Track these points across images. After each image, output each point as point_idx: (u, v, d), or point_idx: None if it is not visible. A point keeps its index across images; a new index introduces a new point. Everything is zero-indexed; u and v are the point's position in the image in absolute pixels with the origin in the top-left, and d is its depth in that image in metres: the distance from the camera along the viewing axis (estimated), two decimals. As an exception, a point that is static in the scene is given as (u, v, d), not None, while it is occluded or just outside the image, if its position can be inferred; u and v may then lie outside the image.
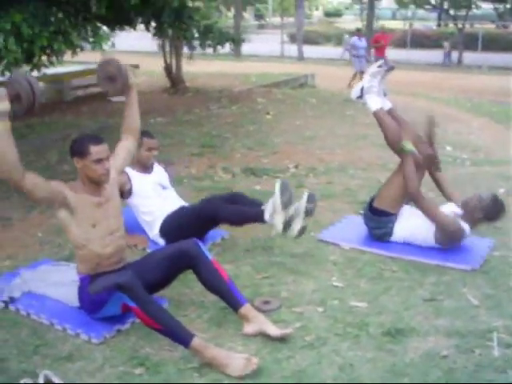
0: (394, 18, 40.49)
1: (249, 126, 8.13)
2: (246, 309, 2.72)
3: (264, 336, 2.65)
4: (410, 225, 3.70)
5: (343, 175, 5.63)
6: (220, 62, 19.88)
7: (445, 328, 2.75)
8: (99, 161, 2.76)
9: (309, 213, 3.51)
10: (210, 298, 2.93)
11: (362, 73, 12.17)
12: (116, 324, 2.75)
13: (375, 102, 3.75)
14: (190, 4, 7.90)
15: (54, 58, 5.64)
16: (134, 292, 2.48)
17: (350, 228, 3.98)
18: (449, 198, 3.87)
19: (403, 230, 3.71)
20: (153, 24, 7.62)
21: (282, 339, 2.62)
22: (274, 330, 2.63)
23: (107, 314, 2.71)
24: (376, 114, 3.76)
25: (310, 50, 25.32)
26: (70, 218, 2.76)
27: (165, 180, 3.99)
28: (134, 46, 22.85)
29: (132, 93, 3.19)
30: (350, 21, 43.79)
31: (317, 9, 57.62)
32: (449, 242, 3.60)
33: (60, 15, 4.96)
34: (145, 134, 3.83)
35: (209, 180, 5.53)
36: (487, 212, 3.59)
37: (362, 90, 3.80)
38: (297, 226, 3.46)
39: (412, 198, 3.63)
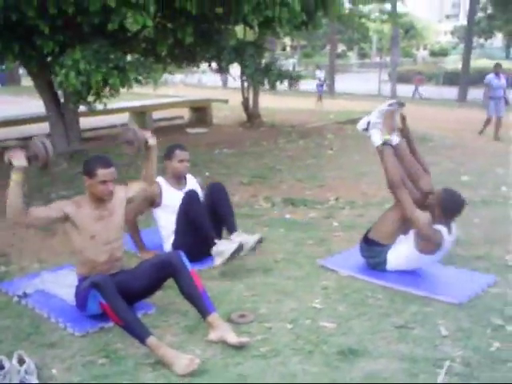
0: (507, 57, 39.10)
1: (307, 159, 8.38)
2: (213, 317, 2.96)
3: (224, 343, 2.88)
4: (400, 251, 3.79)
5: (378, 210, 5.68)
6: (311, 99, 20.31)
7: (401, 353, 2.82)
8: (104, 182, 3.14)
9: (252, 248, 4.11)
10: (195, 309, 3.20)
11: (499, 118, 10.71)
12: (101, 322, 3.09)
13: (378, 138, 3.89)
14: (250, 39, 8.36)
15: (113, 91, 6.26)
16: (104, 290, 2.82)
17: (354, 257, 4.09)
18: None
19: (395, 257, 3.80)
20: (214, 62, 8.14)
21: (239, 347, 2.83)
22: (231, 338, 2.85)
23: (92, 311, 3.06)
24: (378, 149, 3.90)
25: (407, 90, 25.14)
26: (71, 229, 3.17)
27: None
28: (234, 82, 24.00)
29: (150, 151, 3.54)
30: (456, 60, 42.93)
31: (425, 48, 57.06)
32: (428, 246, 3.66)
33: (119, 53, 5.53)
34: (177, 146, 4.22)
35: (248, 207, 5.81)
36: (444, 205, 3.63)
37: (368, 123, 3.97)
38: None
39: (391, 187, 3.73)
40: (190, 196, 4.05)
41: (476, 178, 7.18)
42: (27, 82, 27.27)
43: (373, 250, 3.84)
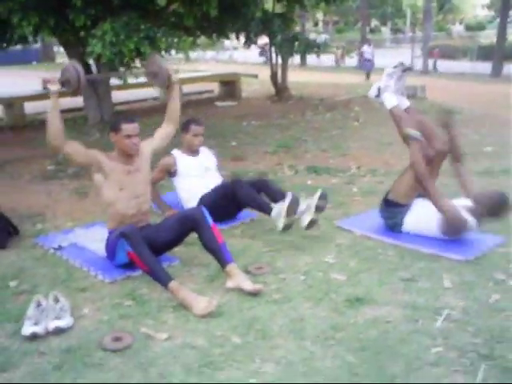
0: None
1: (333, 131, 8.52)
2: (231, 267, 3.20)
3: (240, 291, 3.12)
4: (419, 215, 3.93)
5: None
6: (341, 74, 20.27)
7: (404, 302, 3.01)
8: (129, 136, 3.41)
9: (319, 209, 3.92)
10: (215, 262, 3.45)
11: None
12: (128, 271, 3.37)
13: (391, 100, 4.03)
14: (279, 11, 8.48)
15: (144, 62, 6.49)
16: (131, 239, 3.09)
17: (369, 219, 4.27)
18: (464, 191, 4.01)
19: (412, 220, 3.95)
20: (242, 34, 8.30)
21: (254, 294, 3.07)
22: (247, 285, 3.09)
23: (120, 260, 3.33)
24: (391, 111, 4.04)
25: (440, 64, 24.77)
26: (102, 181, 3.45)
27: (210, 163, 4.54)
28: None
29: (173, 89, 3.79)
30: (493, 35, 41.86)
31: (461, 23, 55.67)
32: (451, 231, 3.77)
33: (149, 24, 5.75)
34: (193, 121, 4.45)
35: (272, 175, 6.01)
36: (492, 209, 3.72)
37: (379, 89, 4.11)
38: (306, 219, 3.88)
39: (419, 179, 3.82)
40: (237, 181, 4.21)
41: (499, 149, 7.22)
42: (62, 58, 27.84)
43: (391, 211, 4.00)
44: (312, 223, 3.91)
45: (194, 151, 4.51)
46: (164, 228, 3.44)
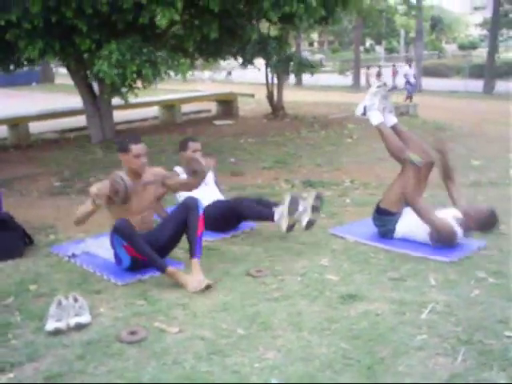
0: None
1: (327, 147, 8.86)
2: (194, 261, 3.55)
3: (243, 287, 3.43)
4: (409, 223, 4.22)
5: (389, 189, 6.15)
6: (336, 93, 20.72)
7: (393, 298, 3.30)
8: (138, 156, 3.69)
9: (315, 209, 4.20)
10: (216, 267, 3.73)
11: None
12: (138, 275, 3.65)
13: (376, 117, 4.36)
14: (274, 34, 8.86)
15: (145, 84, 6.85)
16: (124, 232, 3.47)
17: (362, 227, 4.57)
18: (454, 204, 4.31)
19: (403, 227, 4.25)
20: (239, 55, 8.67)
21: (254, 293, 3.36)
22: (191, 287, 3.41)
23: (125, 262, 3.63)
24: (377, 128, 4.37)
25: (431, 83, 25.29)
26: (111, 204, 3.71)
27: (208, 178, 4.84)
28: (260, 78, 24.57)
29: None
30: (485, 53, 42.58)
31: (454, 41, 56.54)
32: (442, 242, 4.06)
33: (151, 48, 6.10)
34: (189, 139, 4.77)
35: (269, 188, 6.32)
36: (481, 223, 4.02)
37: (364, 108, 4.44)
38: (305, 220, 4.17)
39: (408, 202, 4.14)
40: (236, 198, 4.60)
41: (486, 163, 7.57)
42: (61, 79, 28.26)
43: (383, 219, 4.30)
44: (310, 223, 4.20)
45: None
46: (165, 223, 3.77)
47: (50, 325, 2.95)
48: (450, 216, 4.14)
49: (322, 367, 2.57)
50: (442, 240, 4.08)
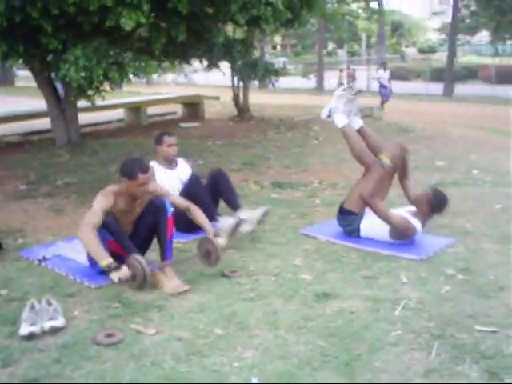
0: (497, 54, 39.63)
1: (293, 149, 8.93)
2: (163, 264, 3.57)
3: (219, 288, 3.43)
4: (372, 222, 4.31)
5: (357, 189, 6.25)
6: (300, 96, 20.89)
7: (366, 296, 3.36)
8: (143, 184, 3.57)
9: (261, 222, 4.43)
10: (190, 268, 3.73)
11: None
12: (112, 277, 3.61)
13: (341, 120, 4.44)
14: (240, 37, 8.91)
15: (112, 86, 6.78)
16: (110, 227, 3.45)
17: (332, 226, 4.63)
18: (411, 202, 4.44)
19: (367, 227, 4.34)
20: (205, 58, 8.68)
21: (229, 293, 3.37)
22: (168, 289, 3.43)
23: None
24: (342, 130, 4.46)
25: (393, 86, 25.68)
26: None
27: (185, 176, 4.81)
28: (225, 81, 24.59)
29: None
30: (444, 57, 43.57)
31: (414, 45, 57.66)
32: (400, 237, 4.18)
33: (117, 50, 6.04)
34: (165, 133, 4.77)
35: (239, 190, 6.30)
36: (433, 205, 4.17)
37: (330, 110, 4.52)
38: (247, 228, 4.33)
39: (364, 200, 4.23)
40: (193, 178, 4.59)
41: (450, 163, 7.76)
42: (21, 82, 27.65)
43: (346, 219, 4.38)
44: (251, 232, 4.37)
45: (170, 162, 4.78)
46: (136, 227, 3.73)
47: (24, 329, 2.90)
48: (404, 211, 4.27)
49: (300, 365, 2.60)
50: (401, 235, 4.18)
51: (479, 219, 4.93)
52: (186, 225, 4.48)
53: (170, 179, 4.69)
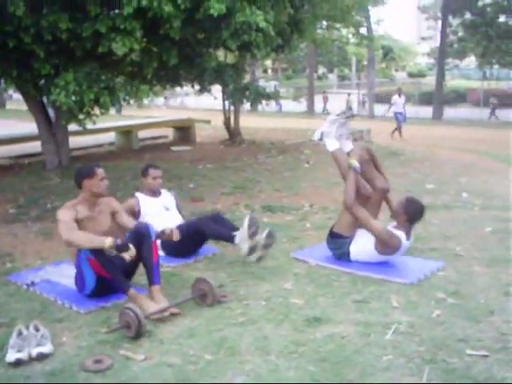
0: (485, 78, 40.21)
1: (285, 172, 8.96)
2: (154, 288, 3.54)
3: (209, 313, 3.40)
4: (360, 244, 4.32)
5: (347, 213, 6.26)
6: (291, 119, 21.03)
7: (357, 320, 3.35)
8: (103, 179, 3.73)
9: (267, 246, 4.26)
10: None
11: None
12: (101, 302, 3.59)
13: (332, 144, 4.47)
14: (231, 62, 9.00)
15: (103, 110, 6.81)
16: (105, 266, 3.44)
17: (323, 250, 4.62)
18: (392, 215, 4.47)
19: (356, 249, 4.34)
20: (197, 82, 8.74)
21: (219, 318, 3.34)
22: (153, 308, 3.38)
23: (89, 285, 3.56)
24: (333, 154, 4.49)
25: (383, 109, 25.91)
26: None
27: (170, 203, 4.86)
28: (216, 104, 24.75)
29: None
30: (433, 81, 44.11)
31: (403, 69, 58.43)
32: (386, 249, 4.20)
33: (109, 74, 6.08)
34: (150, 165, 4.80)
35: (230, 213, 6.32)
36: (408, 212, 4.20)
37: (322, 134, 4.55)
38: (256, 255, 4.21)
39: (347, 207, 4.25)
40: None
41: (440, 186, 7.81)
42: (12, 105, 27.71)
43: (336, 243, 4.39)
44: (260, 259, 4.27)
45: (154, 192, 4.82)
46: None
47: (11, 356, 2.87)
48: (389, 226, 4.30)
49: (291, 391, 2.58)
50: (385, 246, 4.19)
51: (469, 242, 4.95)
52: (176, 249, 4.48)
53: (154, 206, 4.74)
